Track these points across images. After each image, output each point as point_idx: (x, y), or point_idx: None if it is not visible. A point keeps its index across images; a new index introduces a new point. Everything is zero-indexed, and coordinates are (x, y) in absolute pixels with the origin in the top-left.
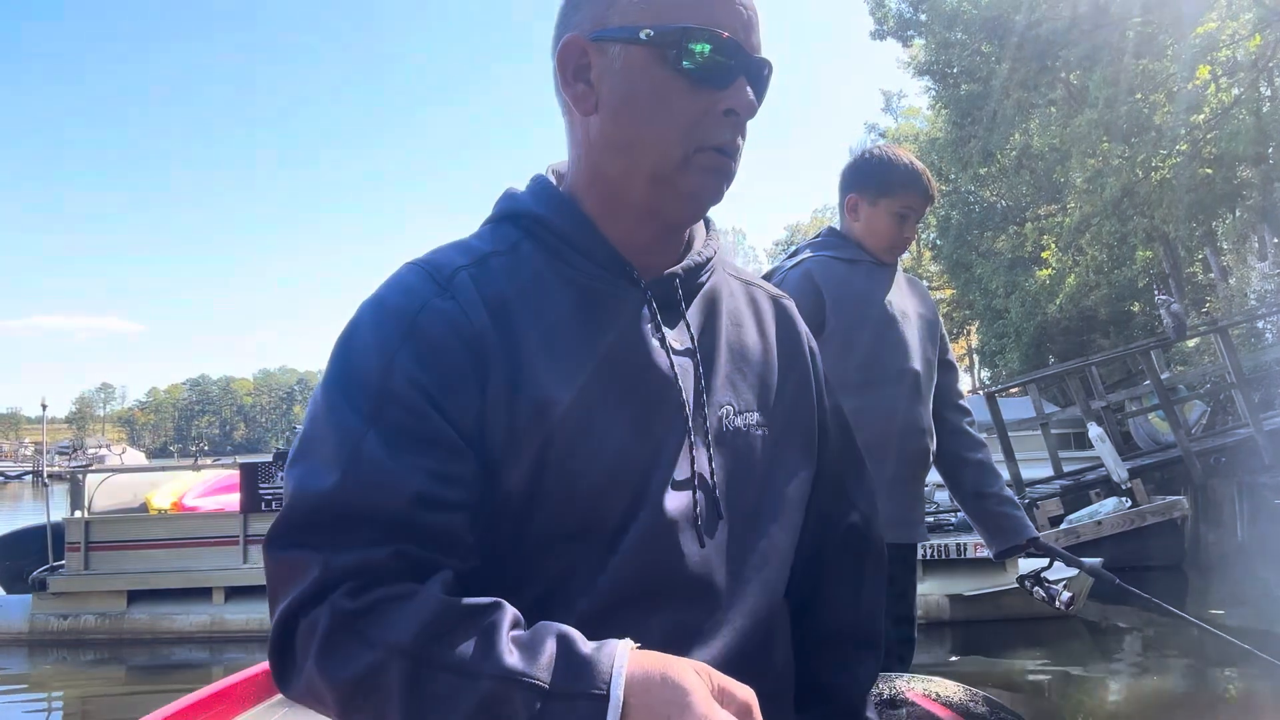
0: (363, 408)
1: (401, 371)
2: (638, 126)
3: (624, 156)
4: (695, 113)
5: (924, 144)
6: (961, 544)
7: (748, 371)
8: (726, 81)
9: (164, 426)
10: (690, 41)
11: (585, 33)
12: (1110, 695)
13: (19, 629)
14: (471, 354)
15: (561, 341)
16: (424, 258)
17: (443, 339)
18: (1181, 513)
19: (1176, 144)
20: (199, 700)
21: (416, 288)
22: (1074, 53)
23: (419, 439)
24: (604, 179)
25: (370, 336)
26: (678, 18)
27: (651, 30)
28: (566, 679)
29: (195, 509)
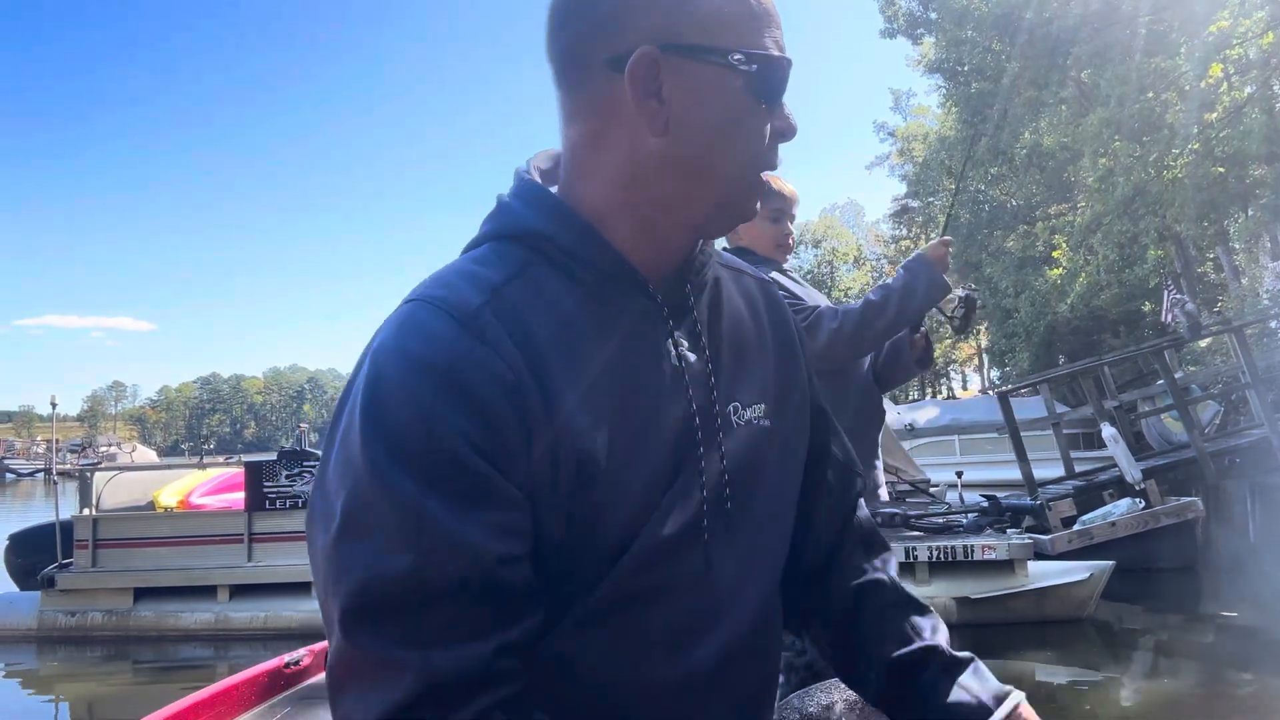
0: (416, 473)
1: (449, 428)
2: (715, 152)
3: (691, 181)
4: (764, 138)
5: (933, 142)
6: (969, 546)
7: (750, 364)
8: (779, 100)
9: (175, 425)
10: (776, 69)
11: (656, 44)
12: (1123, 700)
13: (28, 625)
14: (513, 405)
15: (589, 375)
16: (435, 294)
17: (485, 390)
18: (1196, 514)
19: (1189, 143)
20: (202, 699)
21: (444, 334)
22: (1085, 50)
23: (481, 497)
24: (652, 199)
25: (405, 392)
26: (757, 40)
27: (742, 55)
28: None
29: (202, 507)
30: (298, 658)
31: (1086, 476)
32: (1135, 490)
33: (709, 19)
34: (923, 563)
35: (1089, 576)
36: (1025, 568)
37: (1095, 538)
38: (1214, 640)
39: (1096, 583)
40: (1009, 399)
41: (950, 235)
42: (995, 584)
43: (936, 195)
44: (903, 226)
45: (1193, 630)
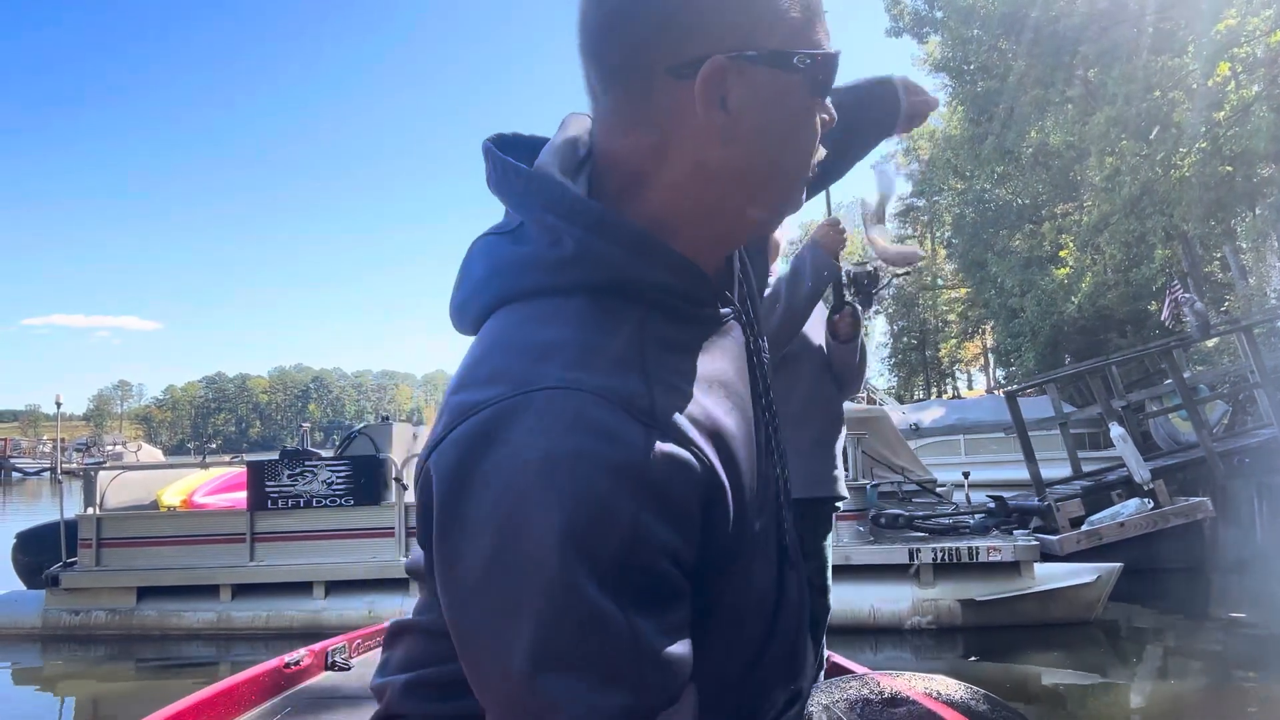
0: (622, 597)
1: (655, 544)
2: (776, 157)
3: (757, 186)
4: (818, 132)
5: (939, 141)
6: (974, 547)
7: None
8: (827, 94)
9: (181, 424)
10: (831, 63)
11: (725, 51)
12: (1130, 703)
13: (33, 624)
14: (703, 500)
15: (741, 425)
16: (579, 379)
17: (683, 493)
18: (1206, 514)
19: (1196, 141)
20: (202, 699)
21: (622, 430)
22: (1092, 49)
23: (677, 606)
24: (722, 209)
25: (604, 506)
26: (812, 36)
27: (805, 55)
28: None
29: (205, 506)
30: (298, 658)
31: (1094, 476)
32: (1144, 490)
33: (773, 22)
34: (927, 564)
35: (1096, 578)
36: (1031, 569)
37: (1104, 538)
38: (1222, 642)
39: (1104, 585)
40: (1016, 398)
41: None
42: (1001, 586)
43: (942, 194)
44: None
45: (1201, 632)
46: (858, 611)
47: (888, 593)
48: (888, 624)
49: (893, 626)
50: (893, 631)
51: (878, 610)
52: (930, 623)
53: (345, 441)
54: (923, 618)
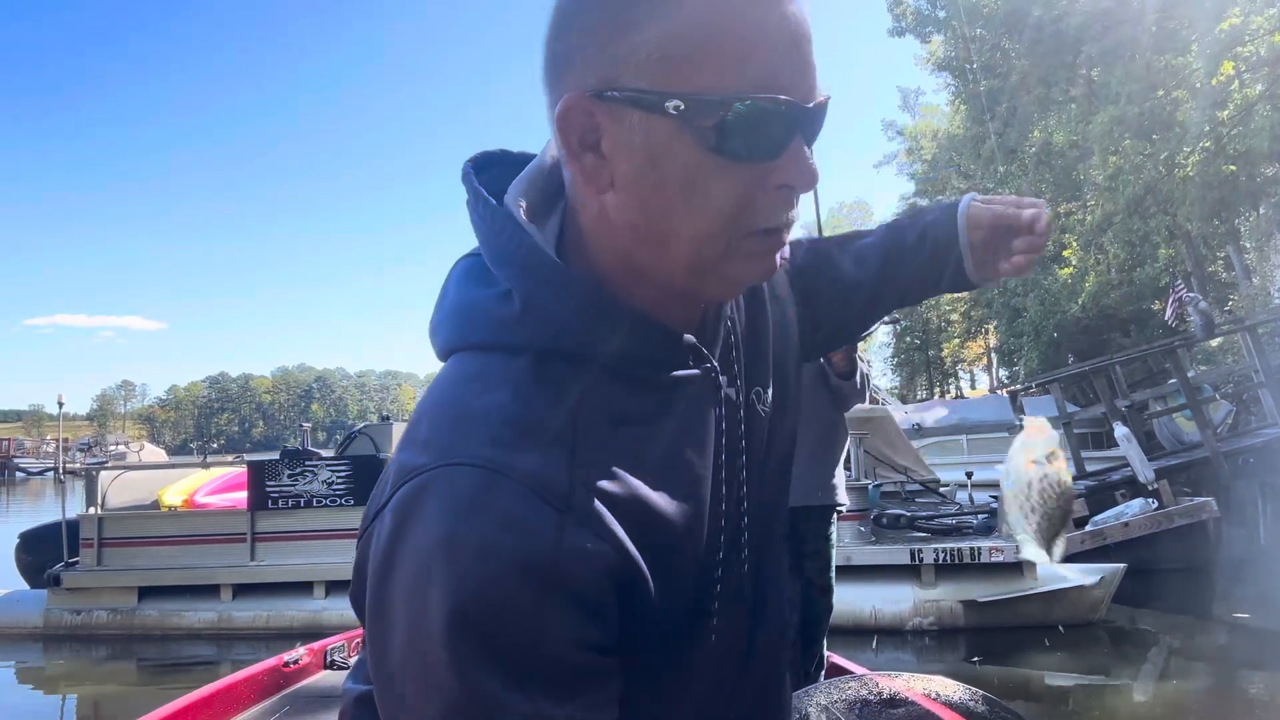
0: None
1: (563, 637)
2: (670, 217)
3: (655, 246)
4: (740, 194)
5: (942, 140)
6: (976, 548)
7: (759, 342)
8: (779, 150)
9: (184, 424)
10: (734, 115)
11: (590, 89)
12: (1134, 704)
13: (35, 623)
14: (618, 584)
15: (670, 497)
16: (502, 460)
17: (591, 585)
18: (1211, 514)
19: (1200, 140)
20: (202, 697)
21: (532, 519)
22: (1095, 48)
23: (590, 686)
24: (634, 266)
25: (509, 604)
26: (715, 81)
27: (682, 102)
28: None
29: (206, 506)
30: (296, 657)
31: (1098, 476)
32: (1148, 491)
33: (655, 55)
34: (929, 565)
35: (1100, 579)
36: (1034, 570)
37: (1108, 538)
38: (1226, 643)
39: (1108, 586)
40: (1020, 398)
41: None
42: (1003, 587)
43: (945, 193)
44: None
45: (1205, 633)
46: (859, 612)
47: (889, 593)
48: (889, 625)
49: (894, 627)
50: (894, 632)
51: (879, 611)
52: (932, 624)
53: (346, 441)
54: (924, 619)
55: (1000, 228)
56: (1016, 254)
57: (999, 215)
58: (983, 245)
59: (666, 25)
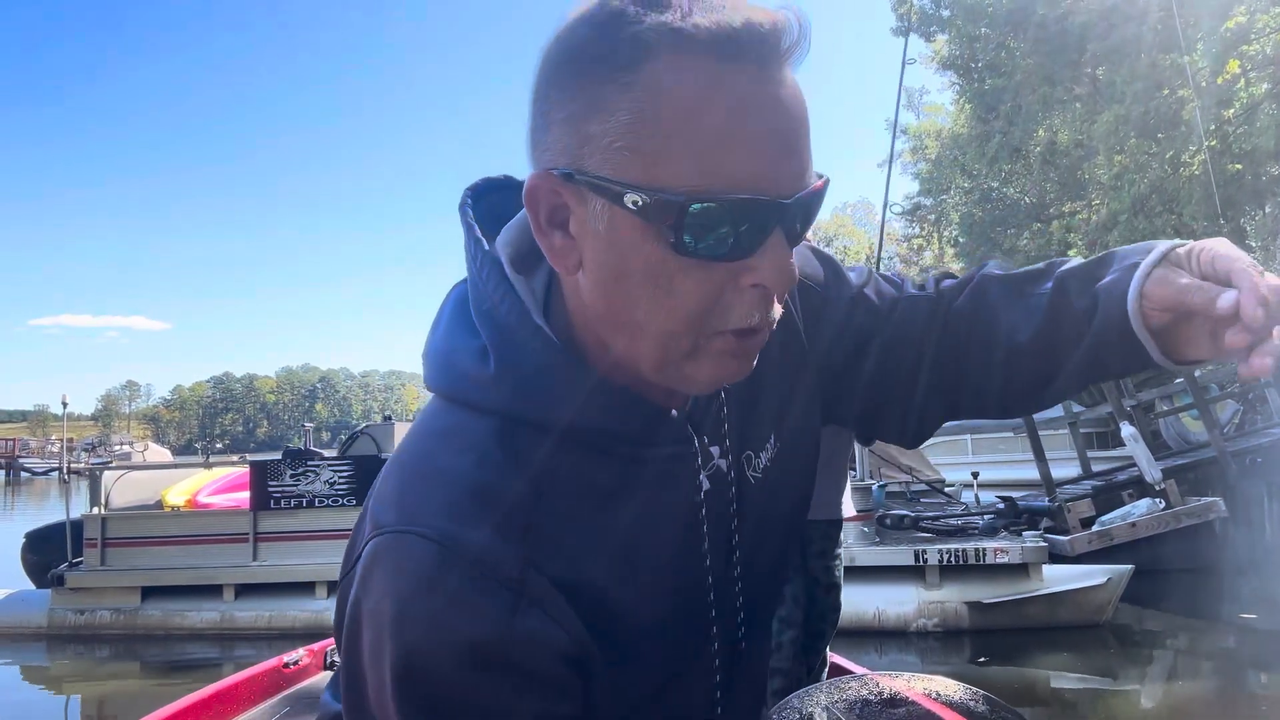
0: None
1: (508, 712)
2: (632, 308)
3: (622, 335)
4: (707, 294)
5: (946, 140)
6: (980, 549)
7: (761, 396)
8: (753, 248)
9: (188, 424)
10: (694, 213)
11: (559, 167)
12: (1141, 707)
13: (39, 623)
14: (572, 664)
15: (635, 573)
16: (454, 536)
17: (544, 667)
18: (1219, 514)
19: (1206, 139)
20: (202, 699)
21: (482, 603)
22: (1100, 46)
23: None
24: (607, 348)
25: (457, 686)
26: (678, 175)
27: (641, 198)
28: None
29: (209, 506)
30: (296, 657)
31: (1104, 476)
32: (1155, 490)
33: (620, 144)
34: (933, 566)
35: (1106, 581)
36: (1040, 571)
37: (1115, 539)
38: (1234, 644)
39: (1114, 587)
40: None
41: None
42: (1008, 588)
43: (949, 193)
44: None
45: (1212, 634)
46: (863, 614)
47: (893, 594)
48: (893, 626)
49: (898, 629)
50: (898, 634)
51: (883, 612)
52: (937, 625)
53: (348, 441)
54: (929, 620)
55: (1190, 311)
56: (1232, 345)
57: (1181, 298)
58: (1173, 330)
59: (635, 111)
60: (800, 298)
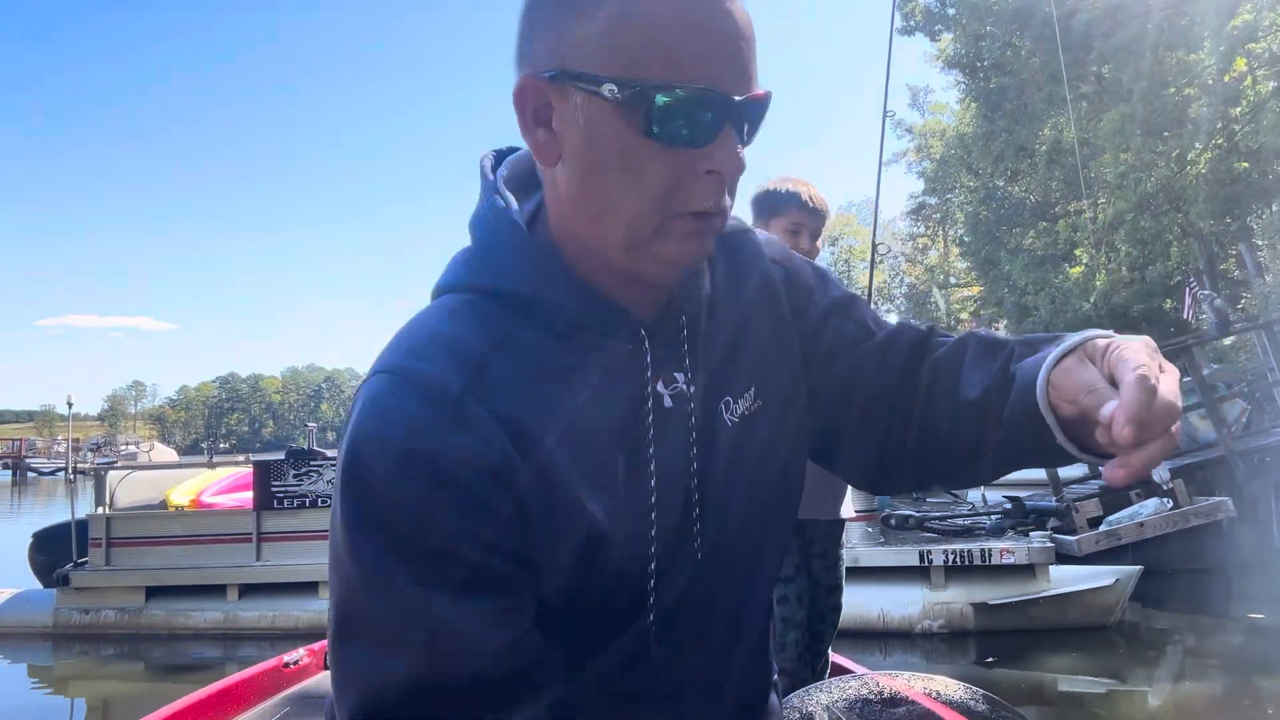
0: (410, 571)
1: (439, 522)
2: (606, 193)
3: (596, 222)
4: (671, 177)
5: (951, 139)
6: (986, 549)
7: (740, 350)
8: (708, 138)
9: (194, 424)
10: (661, 101)
11: (542, 70)
12: (1150, 709)
13: (44, 623)
14: (501, 484)
15: (580, 437)
16: (412, 368)
17: (472, 479)
18: (1227, 514)
19: (1212, 138)
20: (201, 699)
21: (423, 423)
22: (1106, 45)
23: (478, 586)
24: (579, 238)
25: (391, 488)
26: (647, 69)
27: (616, 86)
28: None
29: (213, 506)
30: (297, 657)
31: None
32: (1162, 490)
33: (599, 43)
34: (938, 566)
35: (1114, 582)
36: (1046, 572)
37: (1122, 538)
38: (1242, 643)
39: (1123, 588)
40: None
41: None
42: (1015, 589)
43: (954, 192)
44: (920, 223)
45: (1221, 634)
46: (867, 615)
47: (898, 595)
48: (898, 628)
49: (903, 630)
50: (903, 635)
51: (887, 614)
52: (942, 626)
53: None
54: (934, 621)
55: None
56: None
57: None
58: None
59: (612, 16)
60: (787, 289)
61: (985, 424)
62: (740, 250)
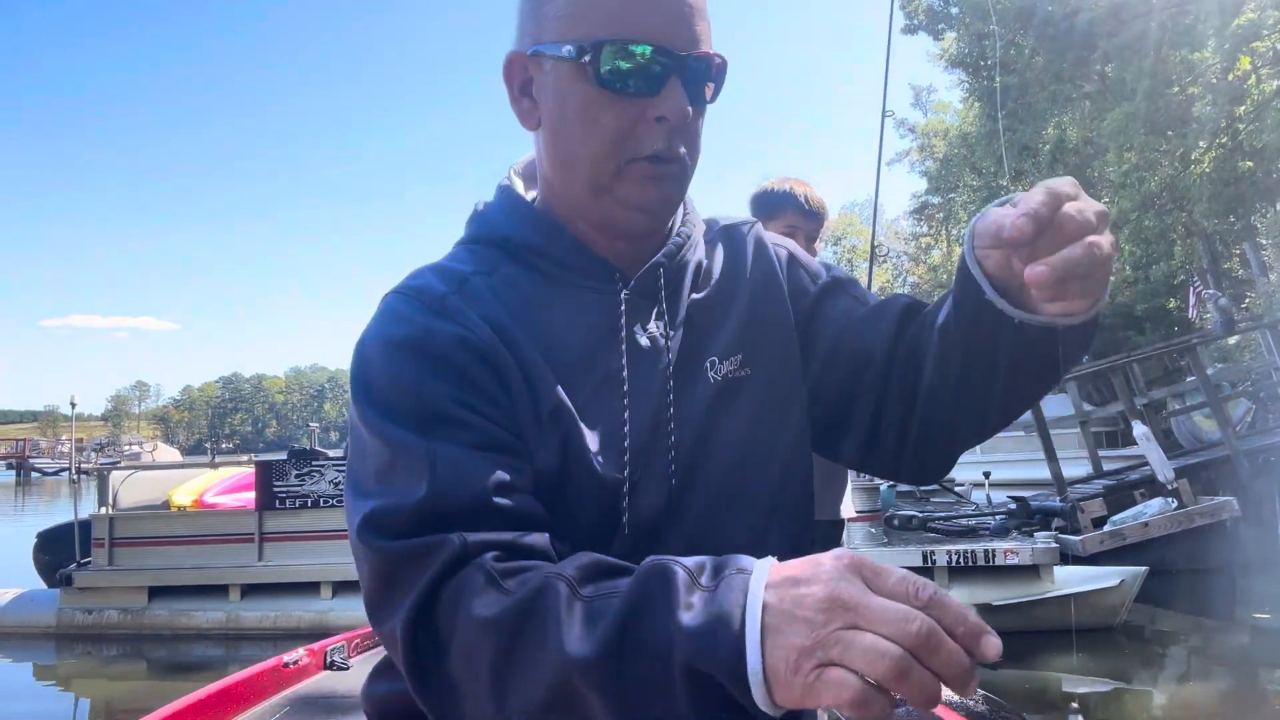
0: (416, 429)
1: (436, 392)
2: (570, 141)
3: (566, 171)
4: (623, 124)
5: (954, 139)
6: (990, 550)
7: (727, 318)
8: (656, 88)
9: (198, 424)
10: (608, 53)
11: (525, 48)
12: (1155, 710)
13: (48, 622)
14: (486, 364)
15: (552, 346)
16: (404, 285)
17: (457, 355)
18: (1232, 514)
19: (1217, 136)
20: (199, 699)
21: (412, 315)
22: (1111, 44)
23: (476, 442)
24: (558, 193)
25: (388, 370)
26: (596, 30)
27: (572, 47)
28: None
29: (215, 506)
30: (296, 657)
31: (1115, 475)
32: (1167, 490)
33: (563, 21)
34: (941, 567)
35: (1120, 583)
36: (1051, 573)
37: (1127, 538)
38: (1248, 643)
39: (1128, 589)
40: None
41: None
42: (1019, 590)
43: (957, 191)
44: (923, 223)
45: (1225, 634)
46: None
47: None
48: None
49: None
50: None
51: None
52: None
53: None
54: None
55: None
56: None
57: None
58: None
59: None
60: (789, 268)
61: (953, 337)
62: (742, 238)
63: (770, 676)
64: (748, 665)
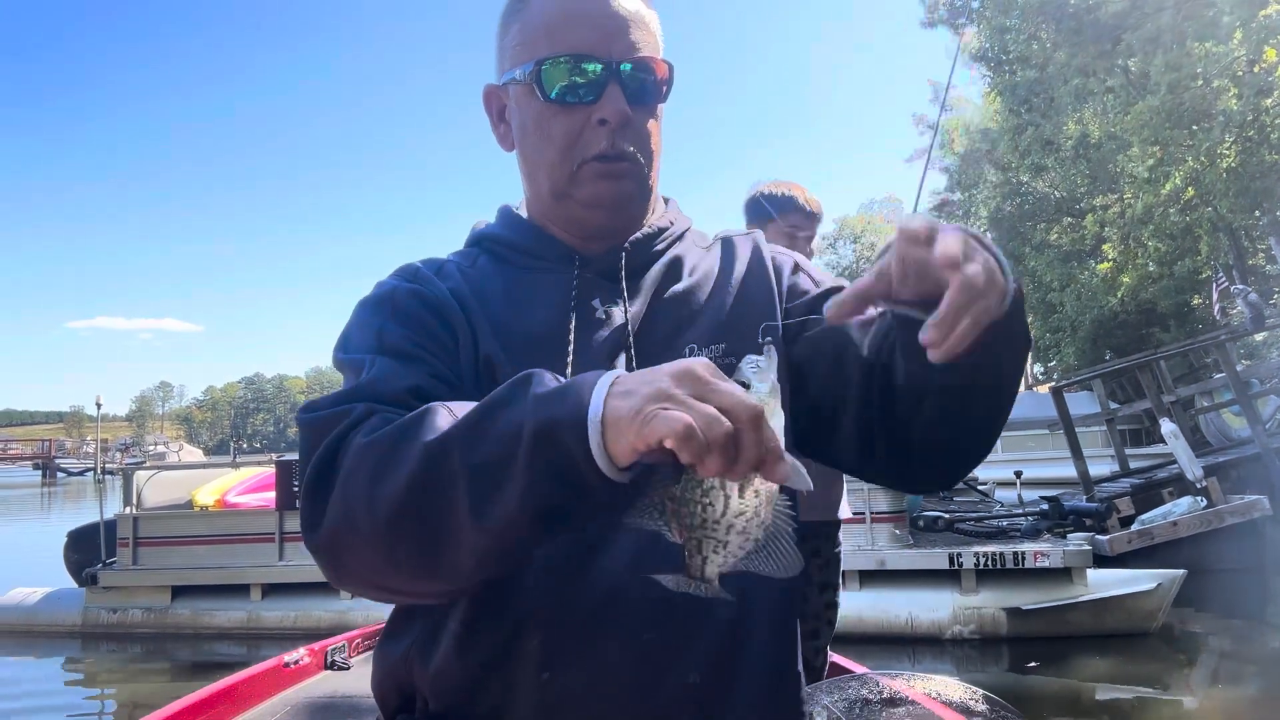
0: (369, 350)
1: (389, 332)
2: (533, 154)
3: (533, 183)
4: (572, 131)
5: (975, 134)
6: (1019, 552)
7: (709, 309)
8: (596, 95)
9: (220, 424)
10: (548, 70)
11: (498, 79)
12: (1190, 717)
13: (74, 621)
14: (437, 315)
15: (509, 323)
16: (401, 271)
17: (413, 306)
18: (1263, 513)
19: (1244, 130)
20: (202, 698)
21: (389, 282)
22: (1135, 37)
23: (410, 360)
24: (533, 203)
25: (361, 319)
26: (540, 51)
27: (522, 70)
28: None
29: (238, 505)
30: (296, 657)
31: (1143, 474)
32: (1196, 488)
33: (516, 49)
34: (969, 569)
35: (1156, 586)
36: (1084, 576)
37: (1156, 538)
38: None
39: (1165, 593)
40: (1063, 394)
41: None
42: (1050, 594)
43: (977, 188)
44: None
45: (1259, 636)
46: (894, 620)
47: (927, 600)
48: (926, 633)
49: (932, 636)
50: (932, 641)
51: (915, 618)
52: (973, 632)
53: None
54: (964, 627)
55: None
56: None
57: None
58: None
59: (521, 24)
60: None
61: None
62: (739, 245)
63: (609, 421)
64: (589, 411)
